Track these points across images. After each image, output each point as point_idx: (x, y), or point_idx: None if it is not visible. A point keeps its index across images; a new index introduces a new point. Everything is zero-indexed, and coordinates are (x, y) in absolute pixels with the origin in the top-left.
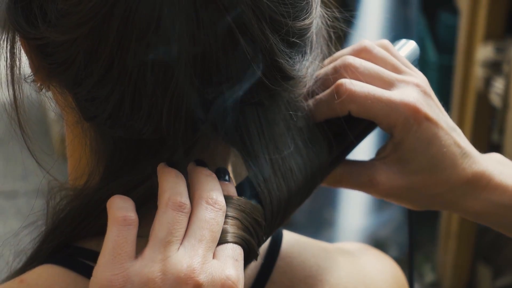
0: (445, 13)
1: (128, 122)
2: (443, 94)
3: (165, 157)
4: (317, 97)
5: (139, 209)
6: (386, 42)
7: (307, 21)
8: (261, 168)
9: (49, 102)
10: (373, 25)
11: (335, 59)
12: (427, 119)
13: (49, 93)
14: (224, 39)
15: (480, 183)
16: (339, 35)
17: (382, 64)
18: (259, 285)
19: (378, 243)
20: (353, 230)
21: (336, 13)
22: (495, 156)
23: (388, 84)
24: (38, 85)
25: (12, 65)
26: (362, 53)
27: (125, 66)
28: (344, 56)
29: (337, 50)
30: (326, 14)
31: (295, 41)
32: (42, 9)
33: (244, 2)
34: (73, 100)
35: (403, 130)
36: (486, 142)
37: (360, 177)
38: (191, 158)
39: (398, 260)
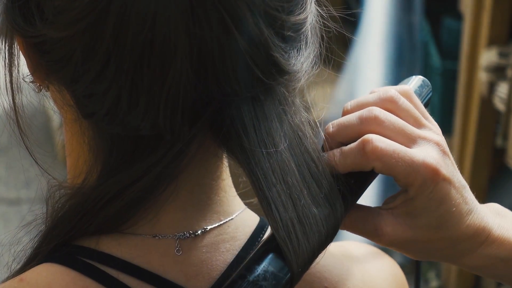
0: (449, 18)
1: (125, 118)
2: (447, 99)
3: (161, 153)
4: (343, 149)
5: (136, 206)
6: (409, 90)
7: (302, 16)
8: (259, 163)
9: (48, 101)
10: (377, 30)
11: (359, 106)
12: (444, 179)
13: (48, 93)
14: (219, 34)
15: (480, 239)
16: (342, 37)
17: (405, 117)
18: None
19: (382, 249)
20: (358, 236)
21: (335, 12)
22: (493, 207)
23: (410, 141)
24: (37, 85)
25: (11, 64)
26: (387, 103)
27: (121, 62)
28: (371, 107)
29: (340, 50)
30: (325, 14)
31: (290, 35)
32: (39, 6)
33: None
34: (71, 98)
35: (419, 189)
36: (490, 147)
37: (365, 225)
38: (186, 154)
39: (403, 266)
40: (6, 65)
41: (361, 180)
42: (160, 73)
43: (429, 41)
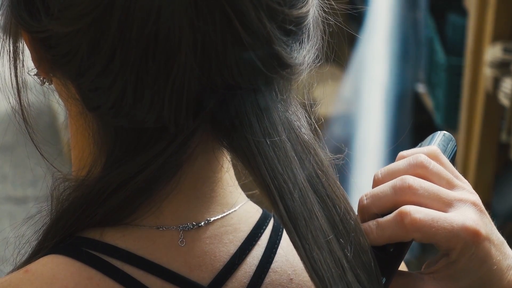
0: (453, 14)
1: (131, 111)
2: (452, 95)
3: (164, 145)
4: (379, 222)
5: (139, 198)
6: (436, 151)
7: (304, 9)
8: (263, 152)
9: (54, 96)
10: (382, 26)
11: (390, 174)
12: (484, 239)
13: (53, 86)
14: (223, 27)
15: None
16: (347, 34)
17: (437, 180)
18: (260, 274)
19: None
20: None
21: (338, 8)
22: None
23: (446, 205)
24: (41, 78)
25: (16, 59)
26: (419, 169)
27: (127, 56)
28: (403, 176)
29: (345, 47)
30: (329, 9)
31: (292, 29)
32: (45, 2)
33: None
34: (76, 91)
35: (461, 253)
36: (495, 142)
37: None
38: (189, 147)
39: (408, 262)
40: (11, 59)
41: (400, 247)
42: (164, 66)
43: (434, 37)
